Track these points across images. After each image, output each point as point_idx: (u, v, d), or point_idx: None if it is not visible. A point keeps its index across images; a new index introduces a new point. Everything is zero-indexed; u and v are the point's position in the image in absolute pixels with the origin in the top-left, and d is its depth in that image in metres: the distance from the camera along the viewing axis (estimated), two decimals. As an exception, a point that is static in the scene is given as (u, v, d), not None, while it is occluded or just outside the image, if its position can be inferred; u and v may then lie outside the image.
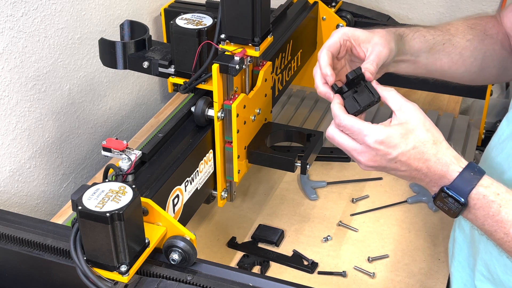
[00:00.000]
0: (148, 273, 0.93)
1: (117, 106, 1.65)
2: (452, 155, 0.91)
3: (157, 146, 1.07)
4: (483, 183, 0.88)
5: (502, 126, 1.01)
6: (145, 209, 0.95)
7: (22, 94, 1.31)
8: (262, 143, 1.23)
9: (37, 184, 1.41)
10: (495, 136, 1.02)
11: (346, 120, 0.93)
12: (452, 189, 0.89)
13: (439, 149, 0.91)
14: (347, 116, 0.94)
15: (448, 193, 0.89)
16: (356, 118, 0.93)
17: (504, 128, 1.00)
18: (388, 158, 0.91)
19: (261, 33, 1.13)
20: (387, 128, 0.91)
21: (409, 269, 1.23)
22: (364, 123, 0.92)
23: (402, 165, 0.92)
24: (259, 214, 1.37)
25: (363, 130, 0.91)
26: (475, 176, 0.88)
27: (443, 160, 0.90)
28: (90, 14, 1.47)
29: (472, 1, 1.78)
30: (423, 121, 0.92)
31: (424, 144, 0.90)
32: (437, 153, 0.90)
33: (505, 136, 0.99)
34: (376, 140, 0.90)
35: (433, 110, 1.72)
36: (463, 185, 0.88)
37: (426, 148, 0.90)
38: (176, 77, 1.14)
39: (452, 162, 0.90)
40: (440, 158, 0.90)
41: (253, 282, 0.92)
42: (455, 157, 0.91)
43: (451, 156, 0.90)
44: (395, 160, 0.91)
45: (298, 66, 1.47)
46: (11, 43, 1.26)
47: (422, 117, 0.92)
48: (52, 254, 0.95)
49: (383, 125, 0.91)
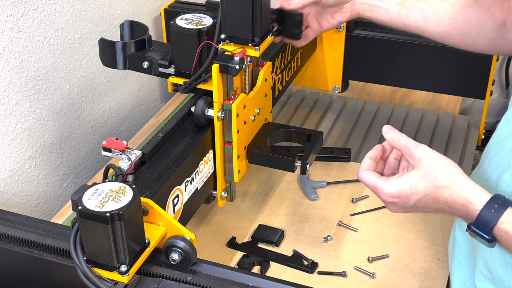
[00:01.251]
0: (148, 273, 0.93)
1: (117, 106, 1.65)
2: (468, 195, 0.89)
3: (157, 146, 1.07)
4: (504, 219, 0.86)
5: (501, 125, 1.01)
6: (145, 209, 0.95)
7: (22, 94, 1.31)
8: (262, 143, 1.23)
9: (37, 184, 1.41)
10: (494, 135, 1.02)
11: (361, 177, 0.96)
12: (476, 227, 0.88)
13: (453, 191, 0.90)
14: (362, 172, 0.96)
15: (474, 230, 0.88)
16: (370, 174, 0.95)
17: (503, 127, 1.00)
18: (408, 206, 0.93)
19: (261, 33, 1.13)
20: (397, 181, 0.92)
21: (409, 269, 1.24)
22: (376, 180, 0.94)
23: (425, 208, 0.93)
24: (259, 214, 1.37)
25: (376, 187, 0.94)
26: (495, 213, 0.87)
27: (460, 201, 0.90)
28: (90, 14, 1.47)
29: (472, 1, 1.77)
30: (433, 166, 0.91)
31: (436, 190, 0.90)
32: (452, 195, 0.90)
33: (504, 135, 0.99)
34: (389, 195, 0.92)
35: (433, 110, 1.72)
36: (484, 224, 0.87)
37: (439, 192, 0.90)
38: (176, 77, 1.14)
39: (469, 203, 0.89)
40: (456, 199, 0.90)
41: (253, 282, 0.92)
42: (472, 196, 0.89)
43: (466, 197, 0.89)
44: (415, 206, 0.93)
45: (298, 66, 1.48)
46: (11, 43, 1.26)
47: (432, 160, 0.92)
48: (52, 254, 0.95)
49: (394, 178, 0.93)
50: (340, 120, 1.69)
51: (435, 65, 1.52)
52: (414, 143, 0.94)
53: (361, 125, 1.67)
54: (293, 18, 1.22)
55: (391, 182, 0.92)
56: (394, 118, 1.69)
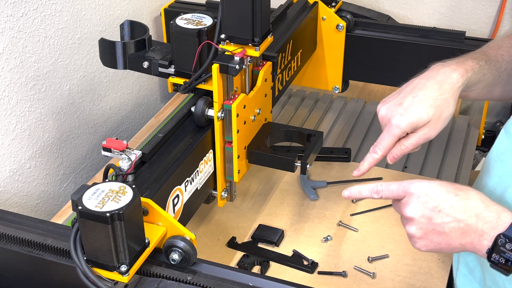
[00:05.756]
0: (148, 273, 0.93)
1: (117, 106, 1.65)
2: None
3: (157, 146, 1.07)
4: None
5: (501, 138, 0.99)
6: (145, 209, 0.95)
7: (22, 94, 1.31)
8: (262, 143, 1.23)
9: (37, 184, 1.41)
10: (494, 148, 1.00)
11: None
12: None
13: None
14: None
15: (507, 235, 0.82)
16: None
17: (502, 140, 0.99)
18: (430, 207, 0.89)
19: (261, 33, 1.13)
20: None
21: (409, 269, 1.23)
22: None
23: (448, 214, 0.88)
24: (259, 214, 1.37)
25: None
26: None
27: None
28: (90, 14, 1.47)
29: (472, 1, 1.78)
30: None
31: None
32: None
33: (504, 148, 0.97)
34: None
35: (433, 110, 1.72)
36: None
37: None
38: (176, 77, 1.14)
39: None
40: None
41: (253, 282, 0.92)
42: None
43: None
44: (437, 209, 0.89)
45: (298, 66, 1.47)
46: (11, 43, 1.26)
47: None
48: (52, 254, 0.95)
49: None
50: (340, 120, 1.69)
51: (435, 65, 1.52)
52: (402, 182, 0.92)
53: (361, 125, 1.67)
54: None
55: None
56: (394, 118, 1.68)
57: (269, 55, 1.20)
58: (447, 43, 1.49)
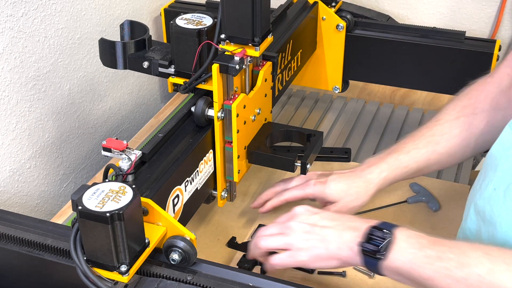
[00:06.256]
0: (148, 273, 0.93)
1: (117, 106, 1.65)
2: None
3: (157, 146, 1.07)
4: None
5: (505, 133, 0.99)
6: (145, 209, 0.95)
7: (22, 94, 1.31)
8: (262, 143, 1.23)
9: (37, 184, 1.41)
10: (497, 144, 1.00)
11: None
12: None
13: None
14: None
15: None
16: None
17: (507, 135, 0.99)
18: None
19: (261, 33, 1.13)
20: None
21: (409, 269, 1.23)
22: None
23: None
24: (259, 214, 1.37)
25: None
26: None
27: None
28: (90, 14, 1.47)
29: (472, 1, 1.78)
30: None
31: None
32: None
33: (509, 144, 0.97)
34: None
35: (433, 110, 1.72)
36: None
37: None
38: (176, 77, 1.14)
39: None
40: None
41: (253, 282, 0.92)
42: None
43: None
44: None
45: (298, 66, 1.48)
46: (11, 43, 1.26)
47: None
48: (52, 254, 0.95)
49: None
50: (340, 120, 1.69)
51: (435, 65, 1.52)
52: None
53: (361, 125, 1.66)
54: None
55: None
56: (394, 118, 1.69)
57: (269, 55, 1.20)
58: (447, 43, 1.49)
